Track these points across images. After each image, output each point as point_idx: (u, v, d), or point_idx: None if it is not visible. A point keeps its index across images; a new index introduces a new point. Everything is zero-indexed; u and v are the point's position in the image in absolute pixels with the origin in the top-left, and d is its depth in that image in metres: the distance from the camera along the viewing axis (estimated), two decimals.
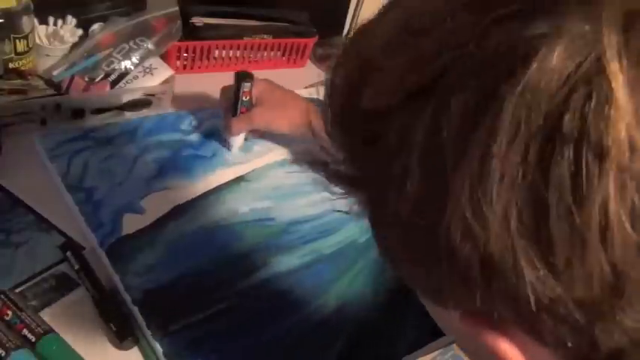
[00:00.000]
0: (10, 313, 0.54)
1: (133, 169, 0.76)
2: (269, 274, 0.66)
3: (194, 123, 0.86)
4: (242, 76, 0.79)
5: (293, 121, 0.78)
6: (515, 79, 0.20)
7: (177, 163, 0.78)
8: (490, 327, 0.26)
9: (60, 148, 0.76)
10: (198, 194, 0.74)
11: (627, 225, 0.20)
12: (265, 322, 0.61)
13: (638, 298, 0.21)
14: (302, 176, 0.81)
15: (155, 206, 0.71)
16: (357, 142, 0.27)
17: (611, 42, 0.19)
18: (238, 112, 0.79)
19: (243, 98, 0.79)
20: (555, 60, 0.20)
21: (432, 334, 0.64)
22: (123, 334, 0.57)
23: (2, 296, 0.55)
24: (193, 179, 0.76)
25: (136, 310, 0.59)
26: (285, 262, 0.68)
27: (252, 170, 0.80)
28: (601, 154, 0.19)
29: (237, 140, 0.82)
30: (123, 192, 0.72)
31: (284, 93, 0.82)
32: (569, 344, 0.23)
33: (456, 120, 0.22)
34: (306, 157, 0.30)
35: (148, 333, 0.57)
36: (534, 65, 0.20)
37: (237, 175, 0.79)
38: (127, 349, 0.56)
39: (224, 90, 0.82)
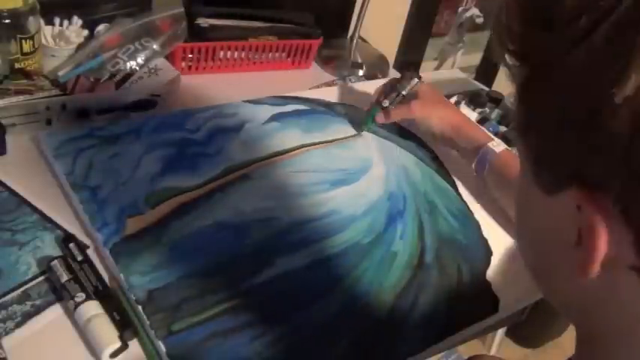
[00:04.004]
0: None
1: (137, 168, 0.76)
2: (273, 274, 0.66)
3: (199, 121, 0.87)
4: (413, 75, 0.92)
5: (445, 120, 0.88)
6: None
7: (181, 162, 0.78)
8: (595, 204, 0.28)
9: (65, 146, 0.77)
10: (202, 193, 0.74)
11: None
12: (268, 322, 0.61)
13: None
14: (307, 176, 0.81)
15: (159, 205, 0.71)
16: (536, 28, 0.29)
17: None
18: (395, 103, 0.90)
19: (403, 92, 0.90)
20: None
21: (436, 336, 0.63)
22: (124, 323, 0.57)
23: None
24: (198, 177, 0.76)
25: (139, 309, 0.59)
26: (289, 263, 0.68)
27: (258, 169, 0.81)
28: None
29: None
30: (127, 191, 0.72)
31: (441, 95, 0.95)
32: None
33: None
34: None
35: (152, 332, 0.57)
36: None
37: (243, 174, 0.79)
38: (127, 339, 0.57)
39: (384, 84, 0.94)
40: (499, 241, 0.78)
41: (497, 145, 0.83)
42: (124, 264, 0.63)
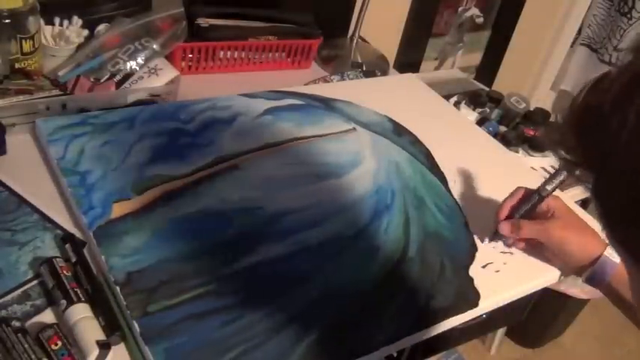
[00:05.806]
0: (59, 343, 0.54)
1: (128, 155, 0.77)
2: (252, 262, 0.66)
3: (193, 112, 0.87)
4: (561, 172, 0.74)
5: (585, 248, 0.72)
6: None
7: (172, 151, 0.79)
8: None
9: (59, 132, 0.78)
10: (189, 181, 0.75)
11: None
12: (243, 308, 0.61)
13: None
14: (296, 169, 0.82)
15: (146, 192, 0.72)
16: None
17: None
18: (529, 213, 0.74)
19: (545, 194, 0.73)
20: None
21: (413, 326, 0.64)
22: (111, 327, 0.57)
23: (55, 327, 0.55)
24: (187, 166, 0.77)
25: (117, 290, 0.59)
26: (270, 251, 0.68)
27: (247, 160, 0.81)
28: None
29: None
30: (116, 177, 0.73)
31: (580, 218, 0.76)
32: None
33: None
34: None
35: (128, 313, 0.58)
36: None
37: (232, 164, 0.79)
38: (114, 344, 0.57)
39: (519, 191, 0.77)
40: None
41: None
42: (107, 246, 0.64)
